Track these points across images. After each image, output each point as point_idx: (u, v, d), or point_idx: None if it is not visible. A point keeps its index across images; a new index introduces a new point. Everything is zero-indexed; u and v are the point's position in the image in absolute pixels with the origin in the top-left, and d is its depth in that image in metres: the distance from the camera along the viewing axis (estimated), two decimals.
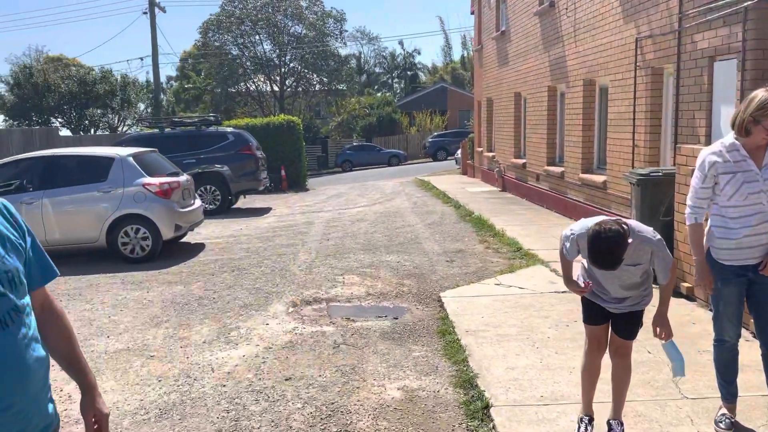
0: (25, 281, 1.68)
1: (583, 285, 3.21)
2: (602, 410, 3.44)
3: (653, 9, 7.63)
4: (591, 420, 3.39)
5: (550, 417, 3.64)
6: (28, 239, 1.77)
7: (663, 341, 3.15)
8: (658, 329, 3.14)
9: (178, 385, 4.42)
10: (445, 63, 61.30)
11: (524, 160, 13.80)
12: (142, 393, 4.32)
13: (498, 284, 6.64)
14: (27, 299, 1.67)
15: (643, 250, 3.01)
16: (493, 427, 3.58)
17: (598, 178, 9.43)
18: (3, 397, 1.55)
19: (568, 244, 3.17)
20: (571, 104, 10.59)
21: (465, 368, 4.45)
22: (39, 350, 1.67)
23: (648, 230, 3.05)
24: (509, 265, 7.54)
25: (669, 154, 7.52)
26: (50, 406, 1.71)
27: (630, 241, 2.84)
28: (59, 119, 27.15)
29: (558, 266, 7.21)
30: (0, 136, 14.84)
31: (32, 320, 1.68)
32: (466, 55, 57.84)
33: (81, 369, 1.88)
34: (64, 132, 24.83)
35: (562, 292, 6.21)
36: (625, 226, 2.89)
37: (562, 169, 11.16)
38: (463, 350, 4.76)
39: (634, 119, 8.23)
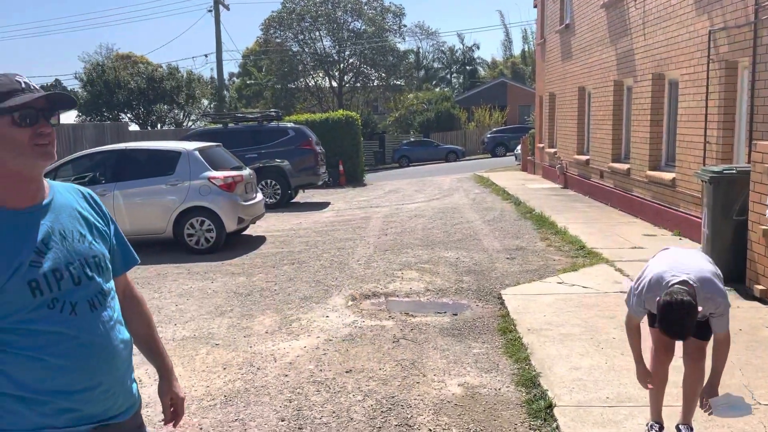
0: (110, 266, 1.76)
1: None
2: (671, 414, 3.32)
3: (727, 0, 7.30)
4: (661, 428, 3.27)
5: (616, 419, 3.55)
6: (112, 227, 1.85)
7: (709, 412, 2.97)
8: (704, 400, 2.96)
9: (242, 374, 4.53)
10: (505, 57, 60.50)
11: (588, 157, 13.47)
12: (208, 380, 4.44)
13: (560, 283, 6.51)
14: (112, 284, 1.76)
15: (709, 304, 2.89)
16: (557, 427, 3.51)
17: (667, 176, 9.11)
18: (92, 376, 1.63)
19: (634, 300, 3.05)
20: (639, 99, 10.26)
21: (527, 367, 4.39)
22: (123, 332, 1.74)
23: (720, 290, 2.89)
24: (572, 263, 7.38)
25: (743, 150, 7.19)
26: (134, 386, 1.79)
27: (700, 309, 2.77)
28: (128, 115, 28.19)
29: (623, 265, 7.03)
30: (74, 131, 15.52)
31: (116, 304, 1.76)
32: (527, 49, 56.94)
33: (160, 353, 1.96)
34: (133, 127, 25.76)
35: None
36: (692, 291, 2.77)
37: (628, 165, 10.84)
38: (525, 348, 4.69)
39: (706, 114, 7.90)
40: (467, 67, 60.30)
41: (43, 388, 1.57)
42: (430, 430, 3.61)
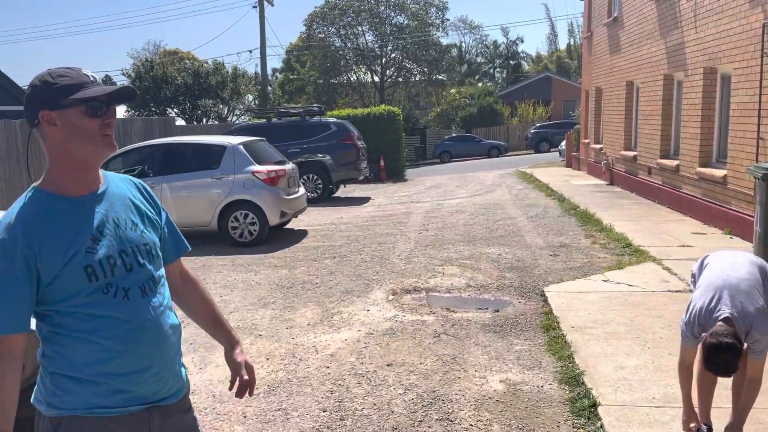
0: (160, 254, 1.82)
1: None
2: (721, 416, 3.23)
3: None
4: (710, 429, 3.19)
5: (663, 420, 3.47)
6: (163, 215, 1.91)
7: None
8: None
9: (285, 364, 4.59)
10: (550, 52, 59.54)
11: (635, 153, 13.17)
12: None
13: (605, 281, 6.39)
14: (162, 271, 1.81)
15: (749, 339, 2.84)
16: (601, 426, 3.45)
17: (718, 173, 8.84)
18: (142, 359, 1.68)
19: (685, 329, 3.02)
20: (690, 93, 9.97)
21: (570, 365, 4.32)
22: (173, 318, 1.80)
23: (762, 328, 2.84)
24: (617, 261, 7.23)
25: None
26: (182, 371, 1.84)
27: (745, 346, 2.77)
28: (175, 109, 28.77)
29: (671, 264, 6.86)
30: (124, 125, 15.93)
31: (166, 291, 1.81)
32: (572, 43, 55.94)
33: (224, 327, 2.03)
34: (179, 121, 26.30)
35: (676, 291, 5.90)
36: (735, 332, 2.77)
37: (677, 162, 10.55)
38: (569, 346, 4.63)
39: (759, 109, 7.63)
40: (511, 62, 59.56)
41: (97, 369, 1.63)
42: (471, 425, 3.60)
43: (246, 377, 1.96)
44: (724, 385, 3.24)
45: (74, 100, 1.61)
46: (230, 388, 1.97)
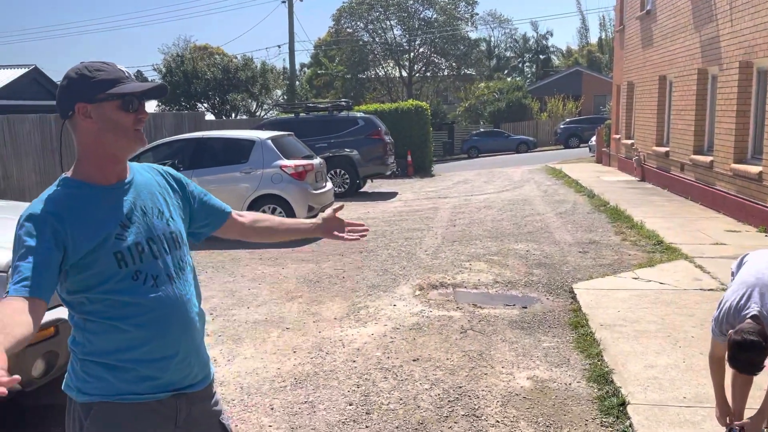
0: (186, 242, 1.86)
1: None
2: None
3: None
4: (742, 429, 3.12)
5: (694, 420, 3.41)
6: (197, 190, 1.97)
7: None
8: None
9: (312, 357, 4.62)
10: (581, 46, 58.74)
11: (667, 149, 12.93)
12: (279, 362, 4.55)
13: (636, 278, 6.30)
14: (189, 258, 1.85)
15: None
16: (630, 425, 3.41)
17: (753, 169, 8.63)
18: (170, 345, 1.72)
19: (714, 326, 2.96)
20: (725, 88, 9.75)
21: (599, 363, 4.27)
22: (198, 305, 1.83)
23: None
24: (648, 258, 7.12)
25: None
26: (208, 358, 1.88)
27: None
28: (204, 104, 29.10)
29: (704, 262, 6.73)
30: (155, 120, 16.16)
31: (192, 278, 1.85)
32: (604, 36, 55.08)
33: (301, 223, 2.26)
34: (209, 116, 26.59)
35: (708, 289, 5.78)
36: (762, 329, 2.67)
37: (710, 158, 10.33)
38: (597, 344, 4.57)
39: None
40: (540, 56, 58.88)
41: (126, 356, 1.67)
42: (498, 421, 3.58)
43: (356, 228, 2.24)
44: (758, 386, 3.17)
45: (110, 95, 1.64)
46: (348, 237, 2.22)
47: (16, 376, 1.17)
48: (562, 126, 36.16)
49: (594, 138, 22.99)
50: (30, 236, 1.54)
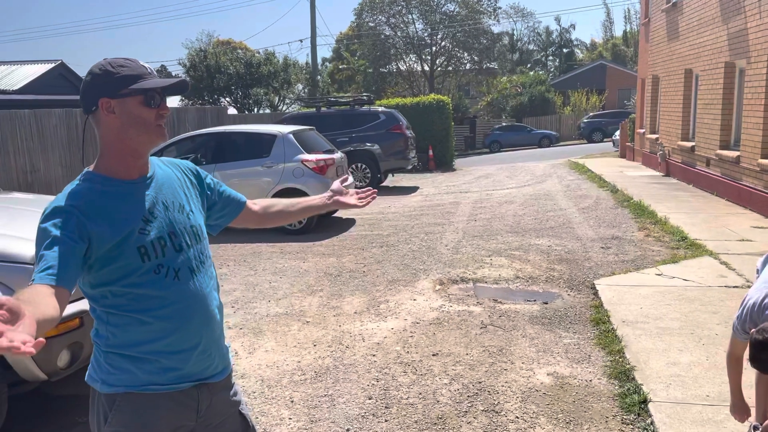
0: (206, 236, 1.89)
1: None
2: None
3: None
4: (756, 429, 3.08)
5: (717, 419, 3.37)
6: (214, 183, 2.01)
7: None
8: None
9: (332, 351, 4.64)
10: (605, 39, 58.00)
11: (693, 143, 12.73)
12: (299, 355, 4.58)
13: (659, 274, 6.22)
14: (209, 252, 1.88)
15: None
16: (652, 423, 3.37)
17: None
18: (192, 337, 1.75)
19: (737, 324, 2.90)
20: (752, 82, 9.56)
21: (621, 359, 4.23)
22: (218, 298, 1.86)
23: None
24: (672, 254, 7.02)
25: None
26: (227, 349, 1.91)
27: None
28: (227, 99, 29.31)
29: (729, 258, 6.62)
30: (178, 114, 16.31)
31: (213, 271, 1.88)
32: (629, 30, 54.32)
33: (309, 201, 2.26)
34: (231, 111, 26.78)
35: (733, 286, 5.69)
36: None
37: (737, 153, 10.15)
38: (619, 341, 4.53)
39: None
40: (564, 50, 58.29)
41: (148, 348, 1.70)
42: (517, 417, 3.57)
43: (360, 195, 2.26)
44: None
45: (133, 90, 1.67)
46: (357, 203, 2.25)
47: (42, 339, 1.18)
48: (585, 120, 35.75)
49: (618, 132, 22.70)
50: (55, 227, 1.56)
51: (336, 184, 2.26)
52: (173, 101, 28.89)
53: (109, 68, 1.68)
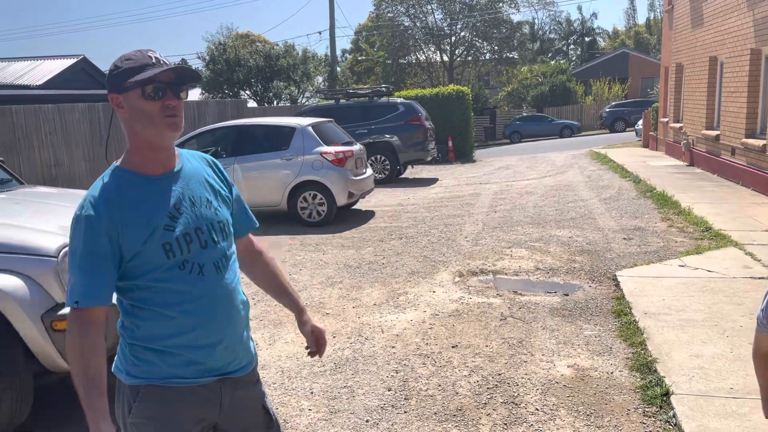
0: (232, 231, 1.88)
1: None
2: None
3: None
4: None
5: (741, 411, 3.32)
6: (234, 191, 1.98)
7: None
8: None
9: (351, 343, 4.66)
10: (628, 27, 57.17)
11: (717, 132, 12.51)
12: None
13: (682, 266, 6.13)
14: (233, 248, 1.88)
15: None
16: (674, 415, 3.34)
17: None
18: (216, 332, 1.76)
19: (765, 321, 2.80)
20: None
21: (642, 351, 4.19)
22: (242, 294, 1.87)
23: None
24: (696, 245, 6.92)
25: None
26: (251, 344, 1.92)
27: None
28: (247, 92, 29.42)
29: (755, 249, 6.51)
30: (198, 107, 16.42)
31: (237, 267, 1.87)
32: (652, 17, 53.48)
33: (290, 295, 2.11)
34: (251, 103, 26.88)
35: (759, 278, 5.59)
36: None
37: (763, 141, 9.95)
38: (641, 333, 4.48)
39: None
40: (585, 38, 57.57)
41: (173, 342, 1.71)
42: (537, 409, 3.55)
43: (312, 348, 2.12)
44: None
45: (132, 84, 1.65)
46: (311, 355, 2.13)
47: None
48: (607, 109, 35.28)
49: (641, 122, 22.38)
50: (88, 241, 1.63)
51: (310, 330, 2.11)
52: (194, 94, 29.08)
53: (117, 63, 1.69)
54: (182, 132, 1.77)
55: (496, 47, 39.98)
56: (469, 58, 40.61)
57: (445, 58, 40.07)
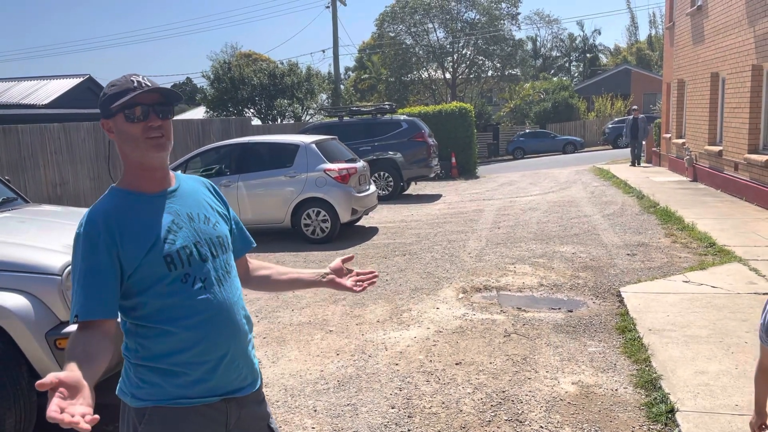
0: (231, 246, 1.91)
1: None
2: None
3: None
4: None
5: (747, 429, 3.28)
6: (231, 212, 2.01)
7: None
8: None
9: (354, 360, 4.65)
10: (630, 43, 57.45)
11: (720, 148, 12.52)
12: (322, 364, 4.60)
13: (686, 281, 6.12)
14: (233, 262, 1.89)
15: None
16: None
17: None
18: (219, 346, 1.76)
19: (765, 336, 2.80)
20: None
21: (647, 368, 4.17)
22: (245, 309, 1.88)
23: None
24: (700, 261, 6.91)
25: None
26: (255, 362, 1.91)
27: None
28: (251, 110, 29.57)
29: (759, 265, 6.49)
30: (203, 126, 16.52)
31: (238, 281, 1.89)
32: (653, 34, 53.75)
33: (304, 273, 2.18)
34: (255, 121, 27.01)
35: (763, 293, 5.57)
36: None
37: (766, 157, 9.96)
38: (645, 349, 4.46)
39: None
40: (587, 55, 57.85)
41: (176, 359, 1.71)
42: (542, 427, 3.54)
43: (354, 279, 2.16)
44: None
45: (116, 108, 1.70)
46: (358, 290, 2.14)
47: (97, 416, 1.27)
48: (610, 125, 35.37)
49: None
50: (88, 257, 1.64)
51: (336, 263, 2.18)
52: (198, 113, 29.22)
53: (105, 89, 1.75)
54: (188, 150, 1.80)
55: (498, 64, 40.19)
56: (472, 75, 40.82)
57: (448, 76, 40.30)
